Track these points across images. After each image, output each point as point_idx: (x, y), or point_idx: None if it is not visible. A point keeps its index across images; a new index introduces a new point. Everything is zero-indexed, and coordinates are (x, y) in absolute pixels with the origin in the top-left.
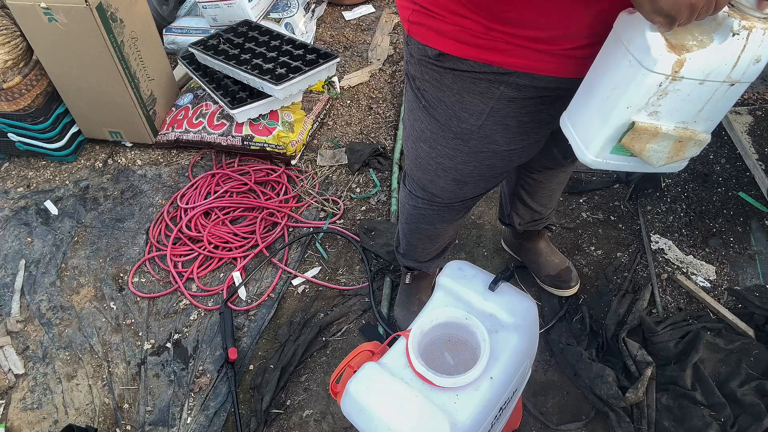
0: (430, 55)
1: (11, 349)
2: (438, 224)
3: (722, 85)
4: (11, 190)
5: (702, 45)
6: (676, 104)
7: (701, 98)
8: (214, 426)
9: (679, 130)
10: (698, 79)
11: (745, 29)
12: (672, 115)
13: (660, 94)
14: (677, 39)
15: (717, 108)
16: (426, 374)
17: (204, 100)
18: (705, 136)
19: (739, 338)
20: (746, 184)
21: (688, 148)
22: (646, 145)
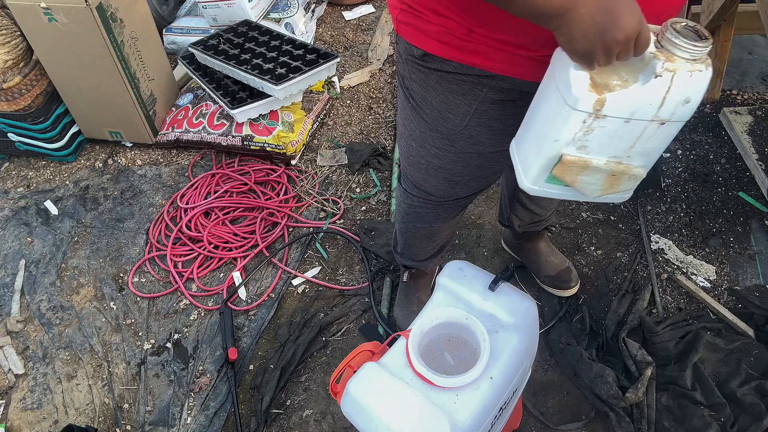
0: (415, 55)
1: (11, 349)
2: (434, 223)
3: (651, 124)
4: (11, 190)
5: (625, 85)
6: (604, 140)
7: (630, 135)
8: (214, 426)
9: (612, 165)
10: (622, 117)
11: (669, 71)
12: (602, 150)
13: (586, 130)
14: (602, 78)
15: (651, 145)
16: (426, 374)
17: (204, 100)
18: (640, 171)
19: (739, 338)
20: (746, 184)
21: (622, 182)
22: (578, 176)
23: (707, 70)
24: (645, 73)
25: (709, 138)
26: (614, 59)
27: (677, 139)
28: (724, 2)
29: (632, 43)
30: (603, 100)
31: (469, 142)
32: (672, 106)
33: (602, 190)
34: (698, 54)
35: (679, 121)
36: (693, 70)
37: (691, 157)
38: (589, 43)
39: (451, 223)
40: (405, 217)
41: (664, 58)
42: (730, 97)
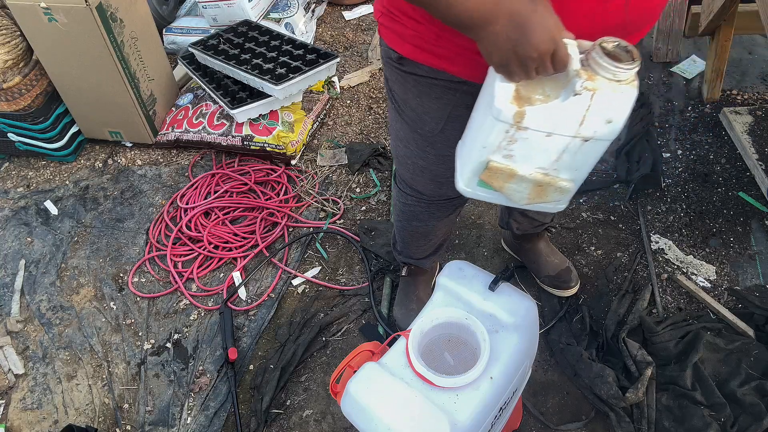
0: (393, 58)
1: (11, 349)
2: (429, 221)
3: (574, 140)
4: (11, 190)
5: (546, 100)
6: (528, 151)
7: (554, 149)
8: (214, 426)
9: (538, 175)
10: (543, 131)
11: (589, 90)
12: (528, 160)
13: (509, 140)
14: (527, 91)
15: (578, 160)
16: (426, 374)
17: (204, 100)
18: (567, 185)
19: (739, 338)
20: (746, 184)
21: (549, 193)
22: (504, 183)
23: (630, 92)
24: (567, 89)
25: (709, 138)
26: (533, 74)
27: (677, 139)
28: (724, 2)
29: (548, 60)
30: (523, 113)
31: (446, 145)
32: (593, 124)
33: (529, 199)
34: (621, 75)
35: (604, 140)
36: (615, 90)
37: (691, 157)
38: (504, 57)
39: (447, 221)
40: (401, 216)
41: (585, 77)
42: (730, 97)
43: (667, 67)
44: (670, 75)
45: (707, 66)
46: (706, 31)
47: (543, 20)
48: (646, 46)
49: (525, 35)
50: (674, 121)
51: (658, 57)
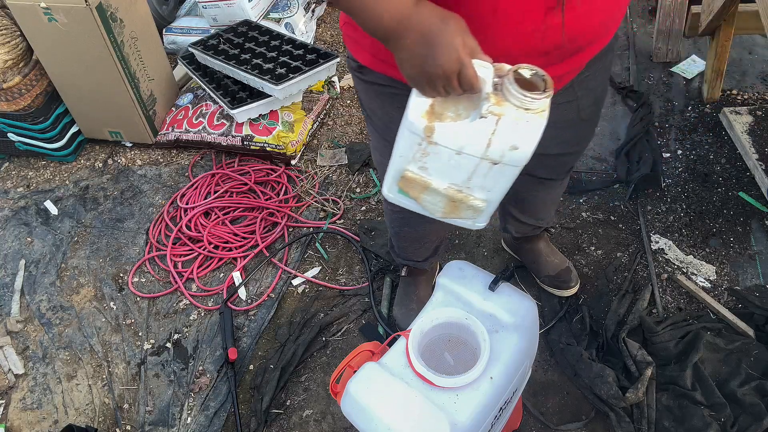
0: (354, 67)
1: (11, 349)
2: (419, 227)
3: (483, 162)
4: (11, 190)
5: (456, 118)
6: (440, 166)
7: (464, 167)
8: (214, 426)
9: (452, 191)
10: (452, 149)
11: (494, 115)
12: (441, 175)
13: (422, 153)
14: (441, 107)
15: (489, 181)
16: (426, 374)
17: (204, 100)
18: (479, 204)
19: (739, 338)
20: (746, 184)
21: (462, 209)
22: (420, 194)
23: (538, 122)
24: (477, 111)
25: (709, 138)
26: (442, 91)
27: (677, 139)
28: (724, 2)
29: (454, 79)
30: (432, 128)
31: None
32: (499, 149)
33: (444, 213)
34: (528, 104)
35: (512, 166)
36: (520, 118)
37: (691, 157)
38: (414, 73)
39: (438, 226)
40: (392, 222)
41: (493, 101)
42: (730, 97)
43: (667, 67)
44: (670, 75)
45: (707, 66)
46: (706, 31)
47: (452, 39)
48: (646, 46)
49: (432, 53)
50: (674, 121)
51: (658, 57)
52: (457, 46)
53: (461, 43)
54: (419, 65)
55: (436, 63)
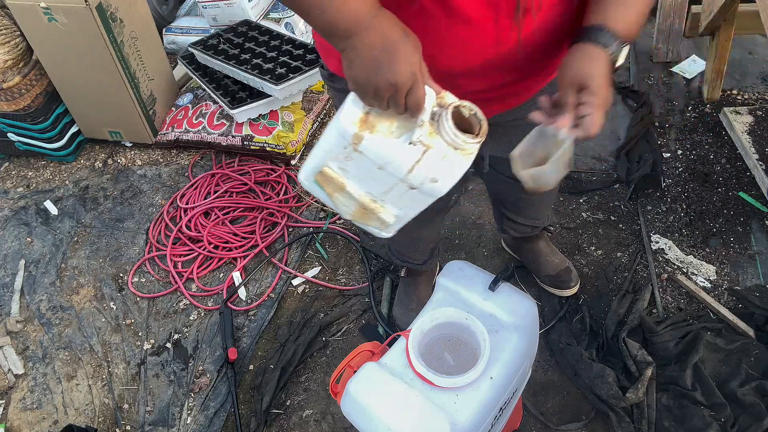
0: (325, 75)
1: (11, 349)
2: (412, 231)
3: (402, 183)
4: (11, 190)
5: (388, 135)
6: (360, 173)
7: (383, 182)
8: (214, 426)
9: (365, 198)
10: (376, 162)
11: (423, 144)
12: (359, 181)
13: (346, 156)
14: (377, 119)
15: (403, 201)
16: (426, 374)
17: (204, 100)
18: (390, 218)
19: (739, 338)
20: (746, 184)
21: (371, 218)
22: (334, 192)
23: (461, 163)
24: (408, 135)
25: (709, 138)
26: (385, 103)
27: (677, 139)
28: (724, 2)
29: (402, 95)
30: (361, 137)
31: None
32: (420, 177)
33: (353, 216)
34: (458, 143)
35: (429, 195)
36: (447, 155)
37: (691, 157)
38: (363, 76)
39: (431, 228)
40: None
41: (427, 130)
42: (730, 97)
43: (667, 67)
44: (670, 75)
45: (707, 66)
46: (706, 31)
47: (411, 54)
48: (646, 46)
49: (390, 60)
50: (674, 121)
51: (658, 57)
52: (415, 62)
53: (419, 62)
54: (372, 70)
55: (392, 71)
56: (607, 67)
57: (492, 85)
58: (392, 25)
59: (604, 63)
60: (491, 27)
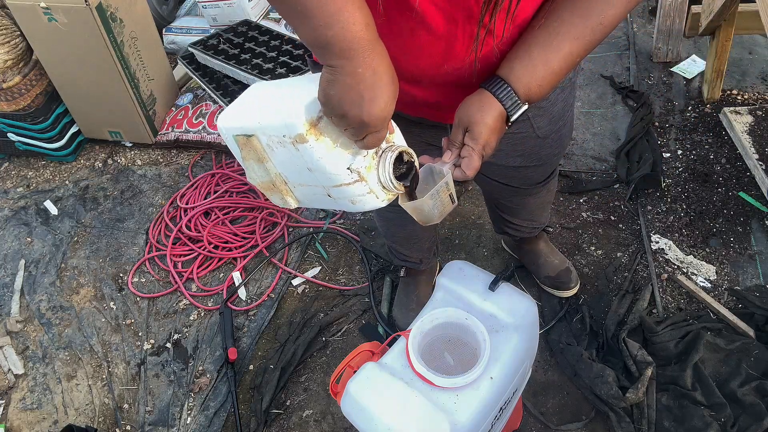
0: (309, 64)
1: (11, 349)
2: (406, 226)
3: (322, 188)
4: (11, 190)
5: (330, 148)
6: (286, 160)
7: (305, 178)
8: (214, 426)
9: (278, 178)
10: (308, 164)
11: (358, 174)
12: (280, 165)
13: (280, 142)
14: (326, 128)
15: (314, 198)
16: (426, 374)
17: (204, 100)
18: (292, 202)
19: (739, 338)
20: (746, 184)
21: (275, 194)
22: (249, 158)
23: (383, 201)
24: (348, 158)
25: (709, 138)
26: (343, 129)
27: (677, 139)
28: (724, 2)
29: (365, 132)
30: (305, 140)
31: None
32: (342, 195)
33: (259, 185)
34: (386, 185)
35: (340, 207)
36: (374, 190)
37: (691, 157)
38: (338, 99)
39: (425, 227)
40: (380, 222)
41: (368, 163)
42: (730, 97)
43: (667, 67)
44: (670, 75)
45: (707, 66)
46: (706, 31)
47: (390, 100)
48: (646, 46)
49: (371, 100)
50: (674, 121)
51: (658, 57)
52: (391, 107)
53: (393, 106)
54: (349, 101)
55: (366, 111)
56: (495, 118)
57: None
58: (384, 62)
59: (494, 114)
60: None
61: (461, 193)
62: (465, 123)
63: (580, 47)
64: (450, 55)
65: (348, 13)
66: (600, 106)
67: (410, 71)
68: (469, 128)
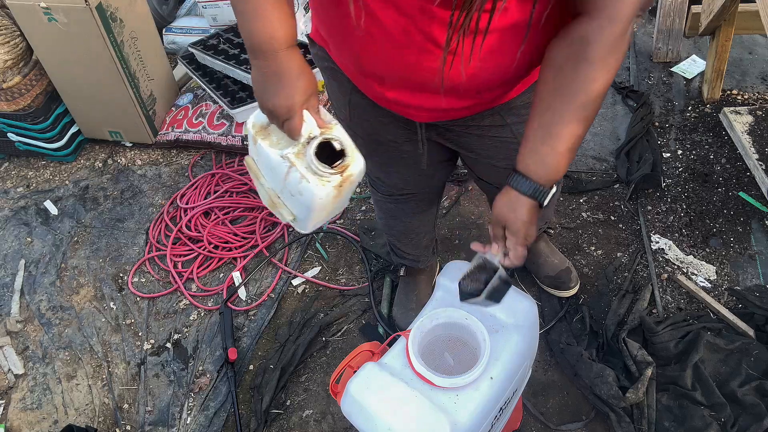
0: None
1: (11, 349)
2: (403, 218)
3: (282, 186)
4: (11, 190)
5: (272, 144)
6: (263, 167)
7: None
8: (214, 426)
9: (271, 192)
10: (265, 164)
11: (289, 161)
12: (267, 174)
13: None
14: (274, 129)
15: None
16: (426, 374)
17: (204, 100)
18: (287, 215)
19: (739, 338)
20: (746, 184)
21: (280, 210)
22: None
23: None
24: (287, 146)
25: (709, 138)
26: (272, 120)
27: (677, 139)
28: (724, 2)
29: (279, 120)
30: (256, 140)
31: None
32: (291, 187)
33: (268, 204)
34: (313, 169)
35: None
36: (306, 177)
37: (691, 157)
38: (256, 93)
39: (423, 220)
40: (379, 214)
41: (297, 150)
42: (730, 97)
43: (667, 67)
44: (670, 75)
45: (707, 66)
46: (706, 31)
47: (293, 92)
48: (646, 46)
49: (275, 91)
50: (674, 121)
51: (658, 57)
52: (295, 100)
53: (300, 101)
54: (259, 92)
55: (270, 100)
56: (528, 210)
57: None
58: (293, 62)
59: (525, 208)
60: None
61: (461, 193)
62: (502, 221)
63: (579, 125)
64: (405, 61)
65: (260, 23)
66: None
67: (371, 69)
68: (507, 226)
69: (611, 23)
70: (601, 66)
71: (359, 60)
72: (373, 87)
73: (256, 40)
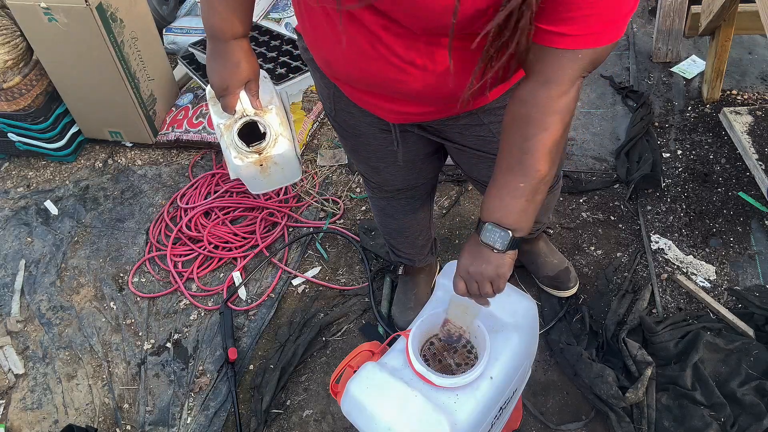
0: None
1: (11, 349)
2: (397, 216)
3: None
4: (11, 190)
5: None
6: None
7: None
8: (214, 426)
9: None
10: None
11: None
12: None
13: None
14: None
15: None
16: (426, 374)
17: (204, 100)
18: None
19: (739, 338)
20: (746, 184)
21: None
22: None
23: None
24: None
25: (709, 138)
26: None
27: (677, 139)
28: (724, 2)
29: (220, 98)
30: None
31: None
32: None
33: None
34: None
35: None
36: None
37: (691, 157)
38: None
39: (417, 218)
40: (374, 211)
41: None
42: (730, 97)
43: (667, 67)
44: (670, 75)
45: (707, 66)
46: (706, 32)
47: (230, 74)
48: (646, 46)
49: (214, 71)
50: (674, 121)
51: (658, 57)
52: (230, 82)
53: (235, 84)
54: (208, 69)
55: (211, 79)
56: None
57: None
58: (235, 53)
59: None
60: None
61: (461, 193)
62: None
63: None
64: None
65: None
66: (600, 106)
67: (341, 74)
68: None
69: (545, 86)
70: (539, 125)
71: (330, 65)
72: (345, 87)
73: (208, 28)
